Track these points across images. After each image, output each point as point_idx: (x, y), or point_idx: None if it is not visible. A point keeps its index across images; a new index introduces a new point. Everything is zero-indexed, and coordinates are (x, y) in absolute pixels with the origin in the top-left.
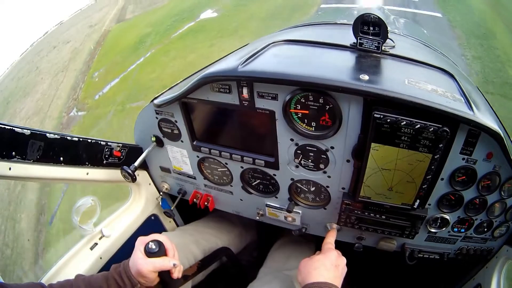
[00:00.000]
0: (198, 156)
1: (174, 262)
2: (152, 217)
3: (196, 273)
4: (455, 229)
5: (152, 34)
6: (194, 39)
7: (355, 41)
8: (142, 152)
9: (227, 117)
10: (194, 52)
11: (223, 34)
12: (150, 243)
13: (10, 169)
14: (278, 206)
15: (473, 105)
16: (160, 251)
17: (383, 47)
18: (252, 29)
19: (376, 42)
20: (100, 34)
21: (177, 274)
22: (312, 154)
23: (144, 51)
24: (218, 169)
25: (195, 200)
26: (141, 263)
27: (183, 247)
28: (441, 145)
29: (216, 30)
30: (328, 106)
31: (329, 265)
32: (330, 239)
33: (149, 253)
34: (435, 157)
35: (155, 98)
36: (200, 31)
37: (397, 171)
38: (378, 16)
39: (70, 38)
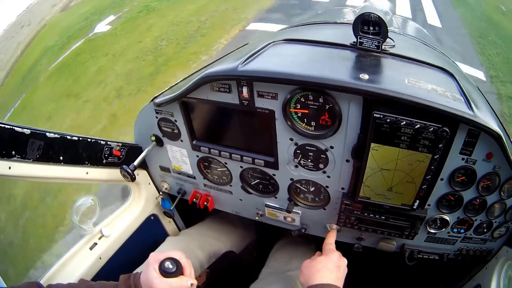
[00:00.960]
0: (197, 156)
1: (192, 281)
2: (152, 217)
3: (206, 282)
4: (455, 230)
5: (50, 51)
6: (53, 87)
7: (355, 40)
8: (142, 152)
9: (227, 116)
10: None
11: (73, 88)
12: (167, 262)
13: (9, 168)
14: (277, 206)
15: (473, 105)
16: (177, 271)
17: (383, 46)
18: (108, 83)
19: (376, 41)
20: (38, 29)
21: None
22: (311, 154)
23: (24, 88)
24: (218, 169)
25: (194, 200)
26: (157, 282)
27: (189, 253)
28: (440, 145)
29: (77, 72)
30: (327, 106)
31: (332, 266)
32: (330, 240)
33: (165, 273)
34: (435, 157)
35: (155, 97)
36: (68, 67)
37: (397, 171)
38: (378, 16)
39: (34, 19)
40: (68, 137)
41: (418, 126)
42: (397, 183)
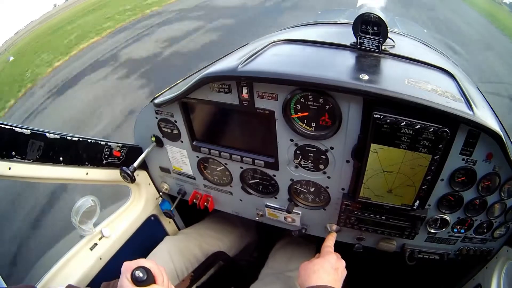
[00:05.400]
0: (197, 156)
1: None
2: (152, 218)
3: (190, 286)
4: (455, 230)
5: None
6: None
7: (355, 40)
8: (142, 152)
9: (226, 117)
10: None
11: None
12: (137, 271)
13: (9, 168)
14: (277, 206)
15: (473, 105)
16: (148, 279)
17: (383, 47)
18: None
19: (376, 42)
20: None
21: None
22: (311, 154)
23: None
24: (218, 170)
25: (194, 200)
26: None
27: (187, 252)
28: (441, 146)
29: None
30: (328, 106)
31: (329, 268)
32: (329, 242)
33: (136, 282)
34: (435, 157)
35: (155, 98)
36: None
37: (400, 174)
38: (379, 16)
39: None
40: (68, 137)
41: (418, 126)
42: (398, 185)
